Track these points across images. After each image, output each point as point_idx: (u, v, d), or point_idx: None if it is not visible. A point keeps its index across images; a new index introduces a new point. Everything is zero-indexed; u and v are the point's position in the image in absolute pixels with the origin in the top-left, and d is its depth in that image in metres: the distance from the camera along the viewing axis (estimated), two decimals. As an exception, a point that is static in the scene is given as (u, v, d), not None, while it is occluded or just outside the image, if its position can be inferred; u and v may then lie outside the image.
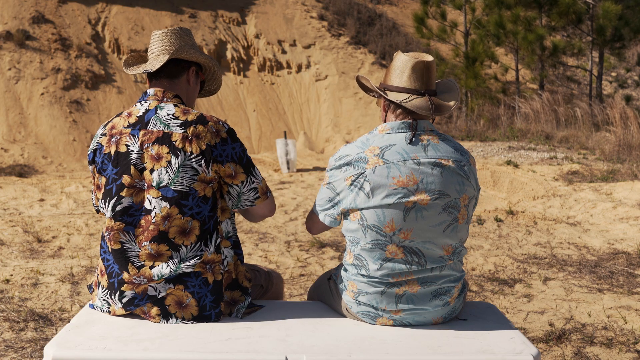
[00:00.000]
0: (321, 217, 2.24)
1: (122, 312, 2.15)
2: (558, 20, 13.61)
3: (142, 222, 2.10)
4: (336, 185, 2.14)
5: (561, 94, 13.80)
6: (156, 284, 2.11)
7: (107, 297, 2.16)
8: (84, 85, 12.68)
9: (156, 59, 2.25)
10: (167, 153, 2.09)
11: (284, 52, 15.02)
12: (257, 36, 15.22)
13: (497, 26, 13.10)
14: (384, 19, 17.29)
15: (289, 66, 14.84)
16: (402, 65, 2.18)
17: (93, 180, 2.26)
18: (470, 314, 2.29)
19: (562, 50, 13.75)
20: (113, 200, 2.12)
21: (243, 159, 2.17)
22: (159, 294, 2.12)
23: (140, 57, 2.37)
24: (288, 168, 9.93)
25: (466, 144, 10.75)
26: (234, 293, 2.21)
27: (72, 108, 12.17)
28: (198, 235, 2.12)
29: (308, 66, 14.82)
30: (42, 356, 2.98)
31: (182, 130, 2.10)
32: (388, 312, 2.15)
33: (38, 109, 11.89)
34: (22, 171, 10.03)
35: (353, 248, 2.17)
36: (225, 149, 2.13)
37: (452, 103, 2.21)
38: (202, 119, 2.14)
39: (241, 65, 14.65)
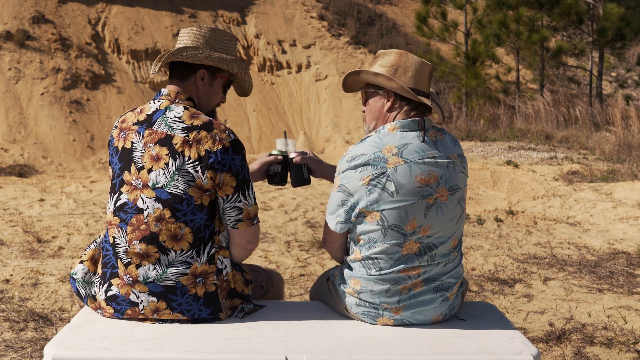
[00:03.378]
0: (332, 225, 2.18)
1: (104, 305, 2.14)
2: (559, 21, 13.60)
3: (134, 220, 2.10)
4: (349, 186, 2.10)
5: (561, 94, 13.79)
6: (139, 291, 2.09)
7: (98, 284, 2.17)
8: (84, 85, 12.67)
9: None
10: (166, 155, 2.08)
11: (284, 52, 15.02)
12: (257, 36, 15.22)
13: (501, 26, 13.09)
14: (384, 19, 17.29)
15: (289, 66, 14.84)
16: (417, 67, 2.18)
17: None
18: (470, 314, 2.29)
19: (565, 52, 13.75)
20: (115, 196, 2.15)
21: (240, 174, 2.11)
22: (140, 302, 2.10)
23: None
24: (288, 168, 9.92)
25: (466, 144, 10.75)
26: (233, 301, 2.20)
27: (72, 108, 12.17)
28: (191, 243, 2.09)
29: (308, 66, 14.82)
30: (42, 356, 2.98)
31: (184, 134, 2.09)
32: (389, 311, 2.15)
33: (38, 109, 11.89)
34: (22, 171, 10.03)
35: (365, 248, 2.14)
36: (225, 158, 2.08)
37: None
38: (208, 125, 2.10)
39: (241, 65, 14.63)
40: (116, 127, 2.22)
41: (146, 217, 2.08)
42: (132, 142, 2.14)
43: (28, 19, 13.25)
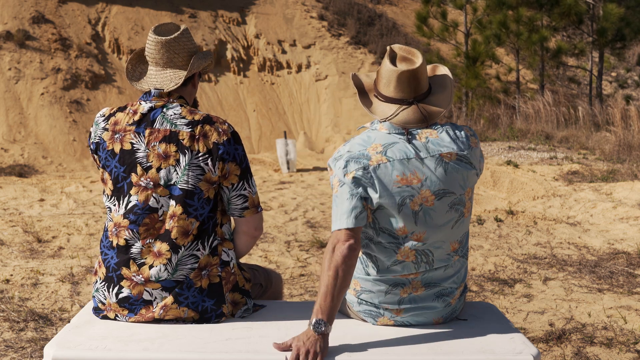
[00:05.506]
0: (347, 222, 1.98)
1: (117, 307, 2.14)
2: (559, 21, 13.60)
3: (147, 220, 2.11)
4: (346, 180, 2.03)
5: (562, 94, 13.79)
6: (152, 289, 2.11)
7: (104, 289, 2.16)
8: (84, 85, 12.67)
9: (162, 73, 2.23)
10: (175, 151, 2.11)
11: (284, 52, 15.02)
12: (257, 36, 15.22)
13: (501, 26, 13.08)
14: (384, 19, 17.29)
15: (289, 66, 14.84)
16: (387, 75, 2.11)
17: (99, 170, 2.27)
18: (470, 314, 2.29)
19: (565, 52, 13.74)
20: (125, 199, 2.14)
21: (243, 164, 2.17)
22: (154, 300, 2.12)
23: (139, 57, 2.33)
24: (288, 168, 9.93)
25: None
26: (235, 295, 2.21)
27: (72, 108, 12.17)
28: (195, 235, 2.12)
29: (308, 66, 14.81)
30: (42, 356, 2.98)
31: (190, 129, 2.12)
32: (390, 312, 2.15)
33: (38, 109, 11.89)
34: (22, 171, 10.03)
35: (364, 244, 2.13)
36: (230, 148, 2.14)
37: (442, 108, 2.14)
38: (208, 119, 2.16)
39: (241, 65, 14.64)
40: (106, 129, 2.18)
41: (161, 216, 2.11)
42: (132, 144, 2.13)
43: (28, 19, 13.25)
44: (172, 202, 2.10)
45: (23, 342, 3.16)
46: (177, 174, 2.11)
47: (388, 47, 2.16)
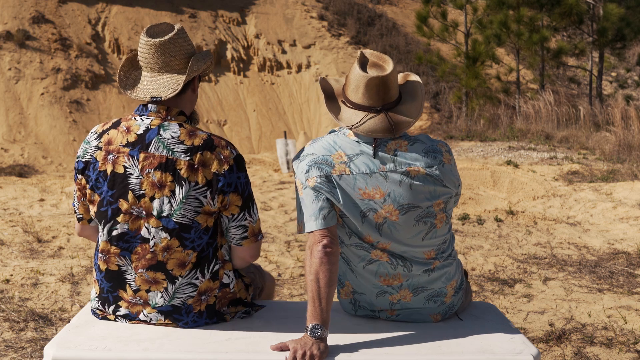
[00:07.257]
0: (319, 224, 1.98)
1: (113, 317, 2.12)
2: (560, 21, 13.59)
3: (139, 249, 2.00)
4: (307, 184, 2.02)
5: (562, 93, 13.80)
6: (148, 312, 2.06)
7: (99, 305, 2.13)
8: (84, 85, 12.67)
9: (158, 79, 2.03)
10: (171, 182, 1.95)
11: (284, 52, 15.02)
12: (257, 36, 15.22)
13: (501, 26, 13.07)
14: (384, 19, 17.29)
15: (289, 66, 14.84)
16: (356, 81, 2.03)
17: (78, 189, 2.08)
18: (470, 314, 2.29)
19: (565, 52, 13.74)
20: (109, 225, 2.00)
21: (245, 192, 2.02)
22: (149, 320, 2.08)
23: (131, 63, 2.12)
24: (288, 168, 9.93)
25: (466, 144, 10.75)
26: (237, 308, 2.19)
27: (72, 108, 12.17)
28: (194, 263, 2.02)
29: (308, 66, 14.82)
30: (42, 356, 2.98)
31: (188, 158, 1.95)
32: (385, 312, 2.16)
33: (38, 109, 11.89)
34: (22, 171, 10.03)
35: (340, 240, 2.12)
36: (231, 177, 1.99)
37: (411, 119, 2.05)
38: (209, 144, 1.98)
39: (241, 65, 14.64)
40: (99, 148, 2.00)
41: (152, 247, 1.98)
42: (125, 167, 1.97)
43: (28, 19, 13.25)
44: (165, 235, 1.97)
45: (23, 342, 3.16)
46: (172, 206, 1.95)
47: (359, 52, 2.08)
